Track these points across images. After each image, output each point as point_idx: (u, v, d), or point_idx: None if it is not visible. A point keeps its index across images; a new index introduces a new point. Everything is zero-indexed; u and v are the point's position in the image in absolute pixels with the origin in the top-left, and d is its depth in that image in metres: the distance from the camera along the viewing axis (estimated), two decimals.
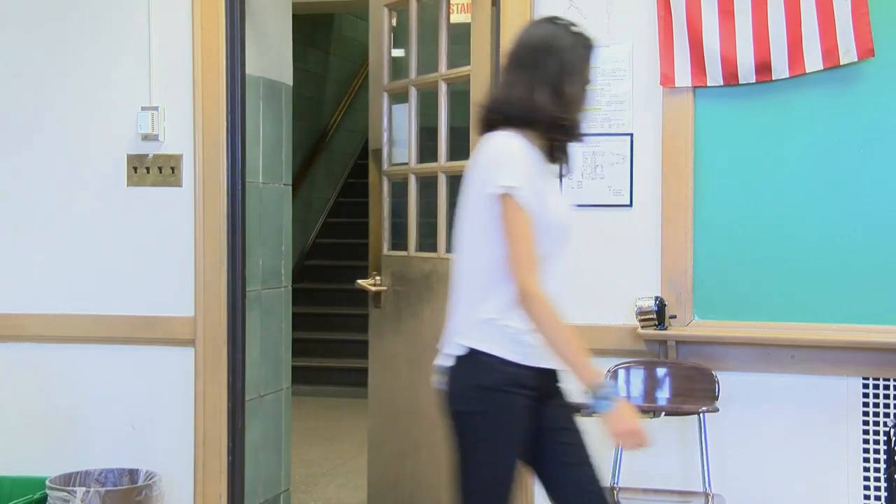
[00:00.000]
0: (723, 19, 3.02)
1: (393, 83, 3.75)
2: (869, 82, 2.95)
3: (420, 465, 3.57)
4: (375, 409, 3.84)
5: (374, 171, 3.81)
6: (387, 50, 3.72)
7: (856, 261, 2.98)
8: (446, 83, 3.52)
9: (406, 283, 3.64)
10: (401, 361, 3.66)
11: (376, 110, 3.77)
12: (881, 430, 2.98)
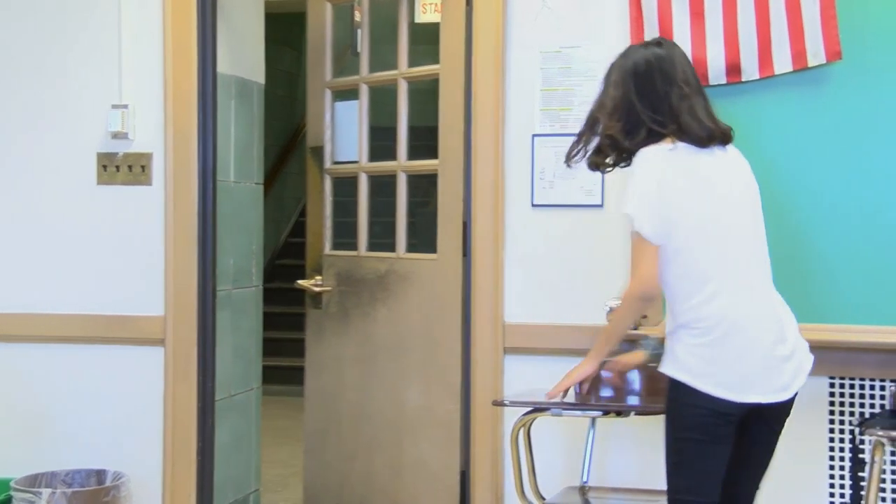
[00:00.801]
0: (694, 21, 3.04)
1: (339, 80, 3.72)
2: (837, 84, 2.97)
3: (374, 468, 3.55)
4: (314, 411, 3.79)
5: (314, 170, 3.76)
6: (329, 45, 3.69)
7: (823, 261, 3.00)
8: (407, 81, 3.51)
9: (354, 284, 3.61)
10: (348, 362, 3.62)
11: (317, 107, 3.72)
12: (846, 429, 3.02)
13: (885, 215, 2.96)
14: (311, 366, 3.77)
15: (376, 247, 3.64)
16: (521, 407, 2.79)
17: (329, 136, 3.71)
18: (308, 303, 3.77)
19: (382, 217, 3.68)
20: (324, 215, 3.74)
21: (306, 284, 3.73)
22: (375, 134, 3.72)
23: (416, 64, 3.50)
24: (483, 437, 3.29)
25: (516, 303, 3.24)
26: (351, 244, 3.69)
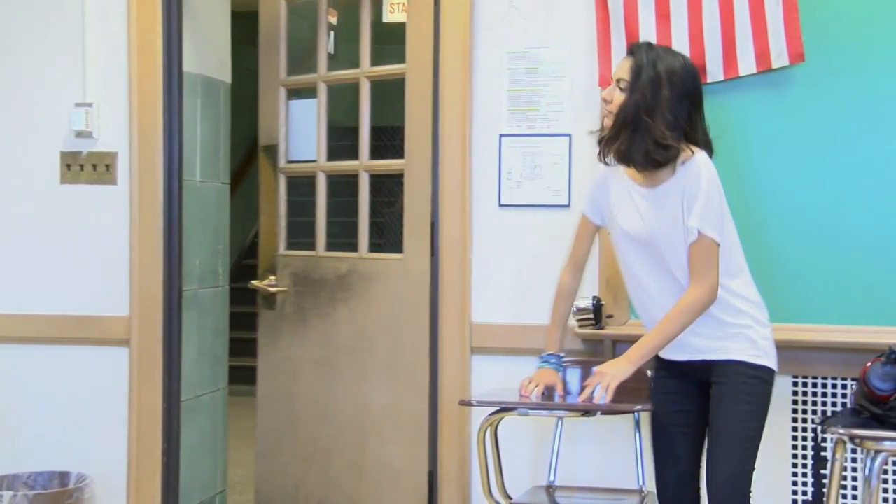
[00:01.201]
0: (659, 22, 3.06)
1: (294, 78, 3.69)
2: (800, 86, 3.01)
3: (333, 470, 3.53)
4: (267, 413, 3.74)
5: (267, 169, 3.73)
6: (283, 43, 3.66)
7: (786, 261, 3.04)
8: (370, 80, 3.51)
9: (312, 284, 3.59)
10: (304, 364, 3.60)
11: (271, 105, 3.70)
12: (809, 428, 3.05)
13: (846, 216, 3.00)
14: (265, 367, 3.73)
15: (337, 247, 3.63)
16: (488, 406, 2.79)
17: (283, 134, 3.68)
18: (261, 304, 3.72)
19: (345, 217, 3.66)
20: (278, 215, 3.71)
21: (261, 285, 3.69)
22: (342, 134, 3.71)
23: (384, 63, 3.50)
24: (450, 437, 3.29)
25: (483, 303, 3.25)
26: (308, 244, 3.66)
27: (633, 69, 2.57)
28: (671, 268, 2.58)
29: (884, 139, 2.97)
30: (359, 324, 3.49)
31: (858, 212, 2.99)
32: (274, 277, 3.68)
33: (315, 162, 3.63)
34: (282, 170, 3.71)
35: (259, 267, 3.76)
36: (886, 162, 2.97)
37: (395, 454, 3.41)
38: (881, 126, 2.97)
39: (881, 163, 2.97)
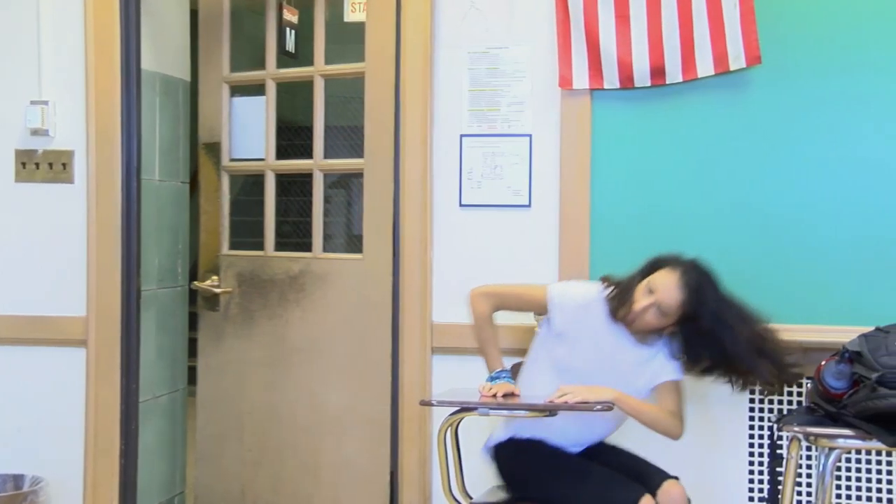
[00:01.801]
0: (619, 24, 3.08)
1: (240, 74, 3.65)
2: (757, 88, 3.04)
3: (285, 472, 3.51)
4: (208, 417, 3.67)
5: (210, 167, 3.67)
6: (226, 38, 3.62)
7: (745, 260, 3.06)
8: (324, 78, 3.49)
9: (260, 285, 3.56)
10: (251, 365, 3.57)
11: (214, 102, 3.65)
12: (765, 426, 3.08)
13: (802, 216, 3.03)
14: (206, 370, 3.67)
15: (290, 246, 3.61)
16: (449, 406, 2.78)
17: (227, 132, 3.64)
18: (202, 305, 3.67)
19: (298, 217, 3.64)
20: (221, 214, 3.66)
21: (203, 286, 3.64)
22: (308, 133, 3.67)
23: (345, 62, 3.49)
24: (411, 437, 3.29)
25: (444, 302, 3.25)
26: (256, 244, 3.62)
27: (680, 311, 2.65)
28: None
29: (840, 140, 3.01)
30: (313, 324, 3.47)
31: (813, 212, 3.03)
32: (216, 278, 3.63)
33: (263, 161, 3.60)
34: (225, 168, 3.66)
35: (200, 267, 3.70)
36: (843, 163, 3.01)
37: (355, 455, 3.40)
38: (837, 127, 3.01)
39: (837, 163, 3.01)
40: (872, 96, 2.98)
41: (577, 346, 2.75)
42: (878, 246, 2.99)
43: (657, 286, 2.64)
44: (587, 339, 2.75)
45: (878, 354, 2.41)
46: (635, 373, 2.73)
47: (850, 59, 2.99)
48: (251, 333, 3.57)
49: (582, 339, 2.75)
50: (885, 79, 2.97)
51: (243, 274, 3.60)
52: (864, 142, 3.00)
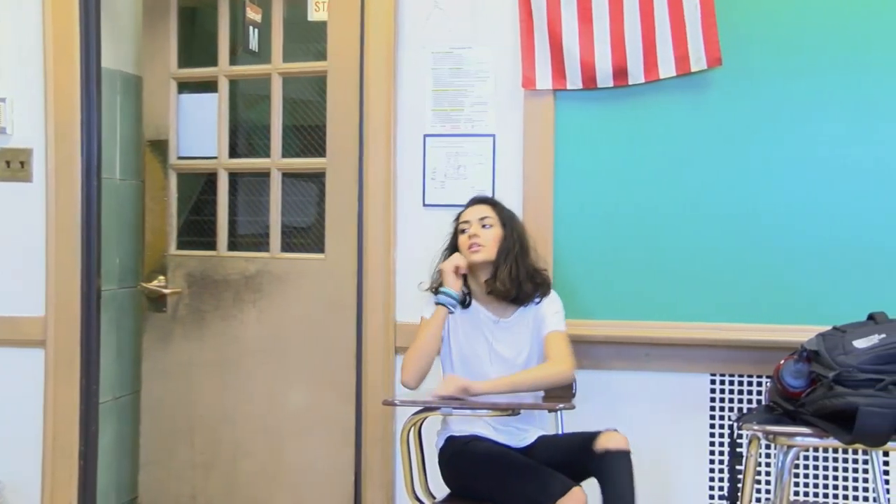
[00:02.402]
0: (582, 25, 3.09)
1: (189, 71, 3.61)
2: (718, 89, 3.07)
3: (240, 476, 3.48)
4: (154, 421, 3.62)
5: (156, 165, 3.61)
6: (173, 33, 3.57)
7: (707, 261, 3.09)
8: (282, 76, 3.47)
9: (213, 285, 3.53)
10: (203, 367, 3.53)
11: (160, 99, 3.60)
12: (726, 424, 3.11)
13: (762, 216, 3.06)
14: (151, 372, 3.61)
15: (245, 246, 3.57)
16: (412, 406, 2.78)
17: (174, 129, 3.59)
18: (147, 306, 3.61)
19: (257, 216, 3.60)
20: (168, 213, 3.61)
21: (151, 286, 3.59)
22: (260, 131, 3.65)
23: (310, 61, 3.47)
24: (374, 438, 3.28)
25: (408, 302, 3.24)
26: (207, 243, 3.58)
27: (494, 210, 2.91)
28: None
29: (799, 141, 3.04)
30: (271, 325, 3.44)
31: (772, 213, 3.06)
32: (163, 278, 3.59)
33: (216, 159, 3.56)
34: (173, 166, 3.61)
35: (145, 267, 3.64)
36: (802, 163, 3.04)
37: (318, 456, 3.39)
38: (797, 128, 3.04)
39: (797, 164, 3.04)
40: (832, 97, 3.02)
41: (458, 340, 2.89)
42: (837, 246, 3.02)
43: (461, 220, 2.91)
44: (462, 333, 2.89)
45: (835, 353, 2.44)
46: (519, 344, 2.85)
47: (808, 61, 3.03)
48: (202, 335, 3.53)
49: (458, 334, 2.89)
50: (844, 80, 3.01)
51: (193, 274, 3.56)
52: (823, 143, 3.03)
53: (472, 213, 2.91)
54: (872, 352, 2.39)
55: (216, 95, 3.55)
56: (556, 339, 2.82)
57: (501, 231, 2.88)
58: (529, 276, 2.87)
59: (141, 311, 3.68)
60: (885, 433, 2.29)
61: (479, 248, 2.85)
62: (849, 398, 2.32)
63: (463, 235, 2.89)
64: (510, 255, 2.85)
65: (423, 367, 2.79)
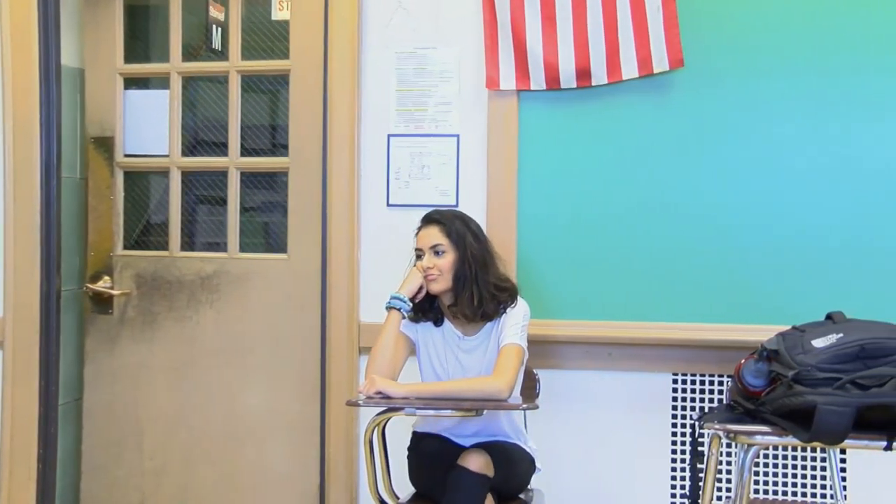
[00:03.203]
0: (545, 26, 3.10)
1: (137, 66, 3.55)
2: (680, 90, 3.09)
3: (195, 481, 3.44)
4: (99, 426, 3.53)
5: (101, 162, 3.53)
6: (120, 27, 3.50)
7: (669, 261, 3.11)
8: (241, 74, 3.44)
9: (165, 286, 3.48)
10: (153, 370, 3.48)
11: (105, 94, 3.51)
12: (688, 423, 3.14)
13: (723, 217, 3.09)
14: (95, 376, 3.53)
15: (204, 246, 3.52)
16: (375, 406, 2.77)
17: (120, 126, 3.52)
18: (90, 307, 3.53)
19: (214, 216, 3.56)
20: (114, 212, 3.53)
21: (98, 287, 3.51)
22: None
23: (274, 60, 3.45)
24: (338, 438, 3.27)
25: (371, 302, 3.24)
26: (157, 243, 3.53)
27: (444, 231, 2.81)
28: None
29: (760, 142, 3.07)
30: (230, 326, 3.42)
31: (733, 213, 3.08)
32: (109, 279, 3.53)
33: (168, 157, 3.52)
34: (119, 164, 3.54)
35: (88, 268, 3.55)
36: (762, 164, 3.07)
37: (280, 458, 3.37)
38: (757, 129, 3.07)
39: (757, 165, 3.07)
40: (791, 98, 3.05)
41: (430, 354, 2.88)
42: (796, 246, 3.05)
43: (416, 245, 2.84)
44: (433, 348, 2.88)
45: (794, 353, 2.46)
46: (485, 358, 2.83)
47: (769, 63, 3.06)
48: (153, 337, 3.48)
49: (430, 349, 2.88)
50: (804, 81, 3.04)
51: (143, 275, 3.50)
52: (783, 143, 3.06)
53: (424, 240, 2.83)
54: (830, 351, 2.41)
55: (167, 92, 3.49)
56: (505, 352, 2.75)
57: (455, 255, 2.80)
58: (492, 295, 2.80)
59: (83, 313, 3.58)
60: (842, 431, 2.32)
61: (434, 278, 2.80)
62: (807, 397, 2.34)
63: (419, 261, 2.84)
64: (467, 280, 2.79)
65: (381, 370, 2.78)
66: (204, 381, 3.43)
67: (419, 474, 2.89)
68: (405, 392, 2.68)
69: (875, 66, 3.01)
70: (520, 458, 2.85)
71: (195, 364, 3.44)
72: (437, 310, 2.88)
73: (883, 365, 2.37)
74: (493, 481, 2.66)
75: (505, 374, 2.69)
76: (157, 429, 3.48)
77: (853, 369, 2.37)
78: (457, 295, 2.81)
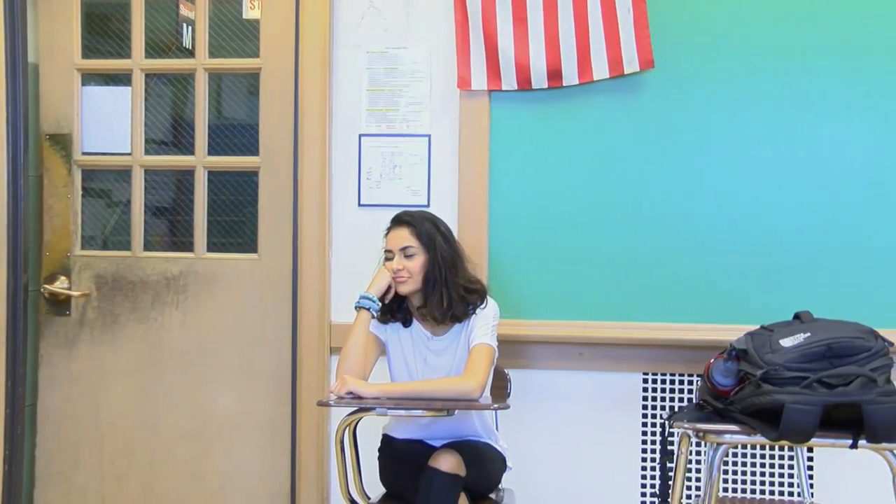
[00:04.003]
0: (517, 26, 3.11)
1: (96, 62, 3.48)
2: (650, 91, 3.11)
3: (160, 484, 3.41)
4: (54, 431, 3.45)
5: (56, 160, 3.45)
6: (77, 21, 3.44)
7: (639, 261, 3.13)
8: (207, 72, 3.41)
9: (128, 287, 3.43)
10: (115, 373, 3.42)
11: (62, 90, 3.44)
12: (658, 422, 3.15)
13: (692, 217, 3.11)
14: (51, 379, 3.45)
15: (164, 246, 3.49)
16: (346, 406, 2.76)
17: (78, 123, 3.45)
18: (46, 309, 3.46)
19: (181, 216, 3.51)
20: (72, 211, 3.45)
21: (56, 288, 3.44)
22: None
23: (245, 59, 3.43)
24: (309, 438, 3.26)
25: (342, 302, 3.23)
26: (119, 242, 3.48)
27: (414, 233, 2.80)
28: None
29: (728, 143, 3.10)
30: (198, 327, 3.39)
31: (704, 213, 3.11)
32: (65, 279, 3.46)
33: (130, 155, 3.46)
34: (77, 162, 3.46)
35: (43, 269, 3.47)
36: (731, 165, 3.09)
37: (251, 459, 3.35)
38: (726, 130, 3.10)
39: (726, 166, 3.10)
40: (759, 100, 3.08)
41: (400, 354, 2.88)
42: (764, 246, 3.08)
43: (385, 246, 2.84)
44: (402, 349, 2.87)
45: (762, 352, 2.48)
46: (454, 358, 2.82)
47: (737, 65, 3.08)
48: (115, 338, 3.43)
49: (400, 349, 2.88)
50: (771, 82, 3.07)
51: (104, 276, 3.45)
52: (751, 144, 3.09)
53: (394, 241, 2.82)
54: (798, 350, 2.44)
55: (129, 89, 3.44)
56: (475, 352, 2.74)
57: (425, 257, 2.79)
58: (461, 297, 2.80)
59: (38, 315, 3.49)
60: (810, 429, 2.34)
61: (404, 280, 2.79)
62: (775, 396, 2.36)
63: (389, 262, 2.83)
64: (437, 282, 2.78)
65: (352, 371, 2.77)
66: (169, 383, 3.40)
67: (390, 475, 2.88)
68: (376, 392, 2.67)
69: (841, 69, 3.05)
70: (491, 458, 2.85)
71: (160, 366, 3.40)
72: (406, 311, 2.88)
73: (849, 364, 2.40)
74: (465, 480, 2.66)
75: (476, 374, 2.69)
76: (118, 432, 3.43)
77: (820, 368, 2.39)
78: (426, 296, 2.81)
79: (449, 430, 2.85)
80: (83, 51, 3.50)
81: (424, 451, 2.75)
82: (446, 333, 2.85)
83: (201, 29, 3.40)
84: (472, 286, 2.84)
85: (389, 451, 2.91)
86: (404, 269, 2.79)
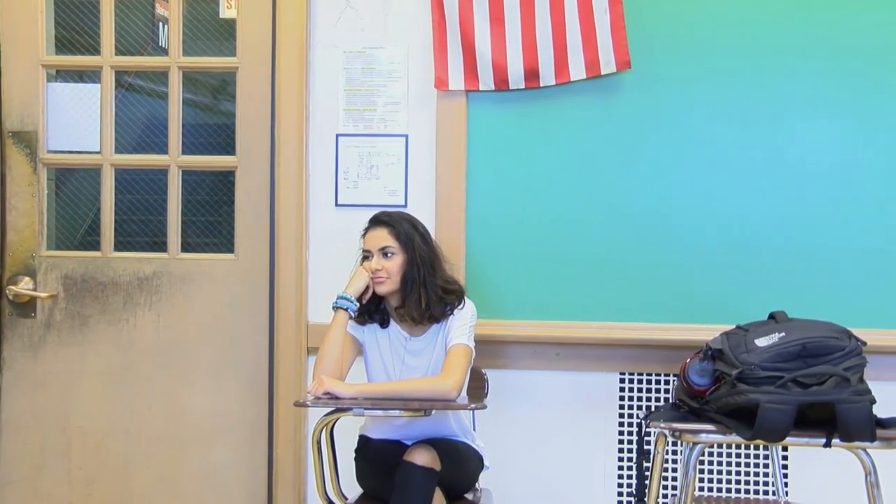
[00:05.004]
0: (494, 26, 3.11)
1: (64, 58, 3.43)
2: (627, 92, 3.12)
3: (133, 487, 3.37)
4: (17, 436, 3.38)
5: (20, 158, 3.38)
6: (42, 15, 3.38)
7: (616, 261, 3.14)
8: (182, 70, 3.38)
9: (97, 288, 3.38)
10: (85, 375, 3.37)
11: (26, 86, 3.38)
12: (634, 422, 3.17)
13: (668, 218, 3.12)
14: (15, 383, 3.38)
15: (129, 246, 3.45)
16: (323, 407, 2.76)
17: (44, 120, 3.39)
18: (9, 311, 3.39)
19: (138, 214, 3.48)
20: (37, 210, 3.39)
21: (21, 290, 3.37)
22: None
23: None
24: (286, 439, 3.25)
25: (319, 303, 3.22)
26: (88, 242, 3.44)
27: (393, 233, 2.80)
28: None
29: (704, 143, 3.11)
30: (173, 328, 3.36)
31: (679, 214, 3.12)
32: (30, 280, 3.40)
33: (99, 154, 3.41)
34: (43, 160, 3.40)
35: (7, 270, 3.40)
36: (706, 165, 3.11)
37: (225, 461, 3.33)
38: (702, 131, 3.12)
39: (702, 166, 3.11)
40: (734, 101, 3.10)
41: (376, 355, 2.88)
42: (740, 246, 3.10)
43: (363, 246, 2.84)
44: (380, 349, 2.88)
45: (738, 352, 2.50)
46: (431, 359, 2.83)
47: (713, 66, 3.10)
48: (84, 340, 3.38)
49: (377, 350, 2.88)
50: (746, 85, 3.09)
51: (72, 276, 3.39)
52: (727, 145, 3.11)
53: (372, 242, 2.82)
54: (772, 350, 2.45)
55: (97, 86, 3.40)
56: (452, 352, 2.75)
57: (403, 257, 2.80)
58: (439, 298, 2.80)
59: (1, 317, 3.41)
60: (784, 429, 2.36)
61: (382, 280, 2.79)
62: (750, 395, 2.38)
63: (367, 262, 2.83)
64: (416, 283, 2.78)
65: (329, 371, 2.76)
66: (142, 385, 3.36)
67: (367, 476, 2.88)
68: (353, 392, 2.67)
69: (816, 70, 3.07)
70: (468, 456, 2.86)
71: (132, 368, 3.37)
72: (384, 311, 2.88)
73: (823, 363, 2.42)
74: (442, 478, 2.66)
75: (453, 375, 2.69)
76: (87, 436, 3.38)
77: (795, 368, 2.41)
78: (404, 297, 2.80)
79: (425, 431, 2.85)
80: (56, 47, 3.46)
81: (401, 452, 2.75)
82: (424, 334, 2.85)
83: (175, 27, 3.37)
84: (449, 287, 2.84)
85: (366, 452, 2.91)
86: (383, 270, 2.79)
